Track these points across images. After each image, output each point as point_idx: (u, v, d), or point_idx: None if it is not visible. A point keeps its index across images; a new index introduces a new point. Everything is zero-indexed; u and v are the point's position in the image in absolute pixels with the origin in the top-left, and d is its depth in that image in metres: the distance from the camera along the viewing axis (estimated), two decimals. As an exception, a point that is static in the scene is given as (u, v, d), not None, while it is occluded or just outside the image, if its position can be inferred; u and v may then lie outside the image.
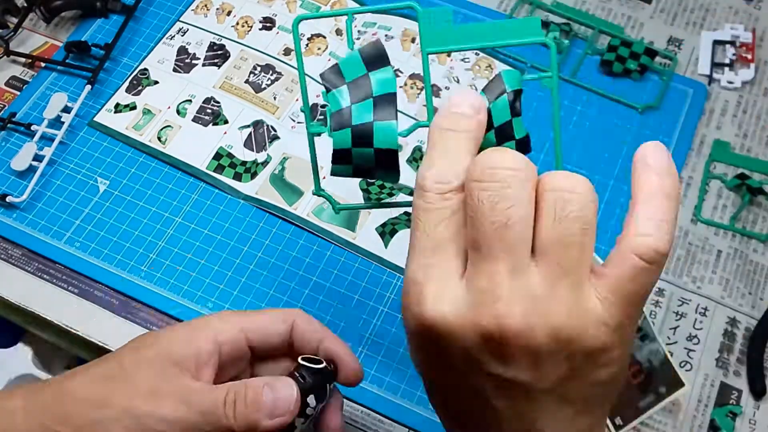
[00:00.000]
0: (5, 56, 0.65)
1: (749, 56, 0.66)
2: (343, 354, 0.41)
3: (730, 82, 0.65)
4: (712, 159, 0.61)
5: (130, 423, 0.36)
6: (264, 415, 0.37)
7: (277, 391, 0.37)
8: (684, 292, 0.56)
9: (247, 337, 0.40)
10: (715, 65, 0.66)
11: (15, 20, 0.67)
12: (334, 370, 0.41)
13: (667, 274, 0.56)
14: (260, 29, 0.66)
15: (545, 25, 0.66)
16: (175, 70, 0.64)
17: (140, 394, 0.36)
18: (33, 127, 0.61)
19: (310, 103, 0.62)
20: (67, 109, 0.61)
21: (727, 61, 0.66)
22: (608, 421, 0.50)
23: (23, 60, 0.66)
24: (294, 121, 0.62)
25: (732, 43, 0.67)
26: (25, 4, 0.67)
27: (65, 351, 0.56)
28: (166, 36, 0.66)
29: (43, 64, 0.65)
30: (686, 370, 0.53)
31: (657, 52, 0.65)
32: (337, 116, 0.36)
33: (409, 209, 0.58)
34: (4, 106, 0.63)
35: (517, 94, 0.36)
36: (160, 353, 0.37)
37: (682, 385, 0.52)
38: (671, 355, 0.53)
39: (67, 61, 0.64)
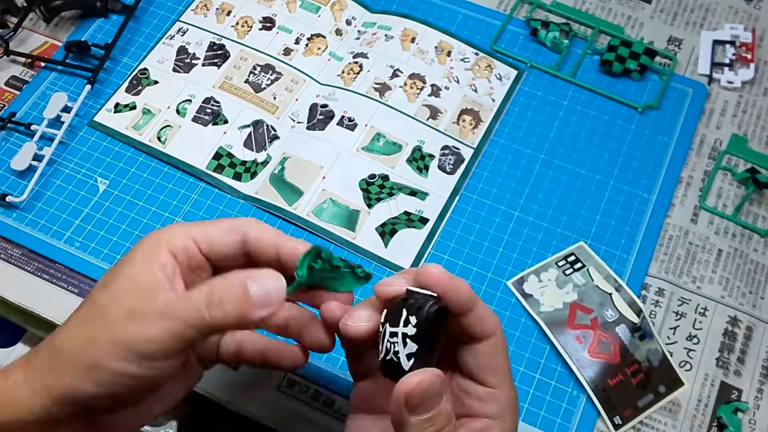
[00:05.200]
0: (5, 56, 0.65)
1: (749, 56, 0.66)
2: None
3: (730, 82, 0.65)
4: (727, 152, 0.61)
5: (121, 353, 0.35)
6: (255, 308, 0.36)
7: (263, 283, 0.36)
8: (684, 291, 0.56)
9: (199, 246, 0.39)
10: (715, 65, 0.66)
11: (15, 20, 0.67)
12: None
13: (668, 273, 0.56)
14: (260, 29, 0.66)
15: (545, 24, 0.66)
16: (174, 70, 0.64)
17: (120, 323, 0.36)
18: (33, 127, 0.61)
19: (310, 104, 0.62)
20: (66, 109, 0.61)
21: (727, 61, 0.66)
22: (608, 420, 0.50)
23: (23, 60, 0.66)
24: (294, 120, 0.62)
25: (732, 43, 0.67)
26: (25, 4, 0.67)
27: (65, 351, 0.56)
28: (166, 36, 0.66)
29: (43, 64, 0.65)
30: (686, 370, 0.53)
31: (657, 52, 0.65)
32: None
33: (409, 209, 0.58)
34: (4, 105, 0.63)
35: None
36: (128, 280, 0.37)
37: (681, 384, 0.52)
38: (671, 355, 0.53)
39: (67, 60, 0.64)
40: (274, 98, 0.62)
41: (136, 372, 0.36)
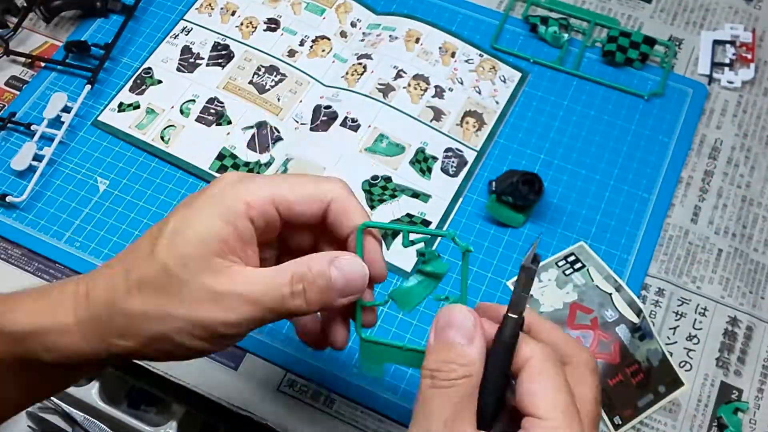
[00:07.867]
0: (5, 56, 0.65)
1: (749, 56, 0.66)
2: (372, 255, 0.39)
3: (730, 82, 0.65)
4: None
5: (196, 332, 0.35)
6: (336, 296, 0.36)
7: (344, 269, 0.36)
8: (684, 291, 0.56)
9: (278, 210, 0.37)
10: (715, 65, 0.66)
11: (15, 20, 0.67)
12: None
13: (667, 273, 0.57)
14: (264, 30, 0.66)
15: (544, 21, 0.66)
16: (179, 69, 0.64)
17: (200, 302, 0.35)
18: (33, 127, 0.61)
19: (314, 105, 0.62)
20: (66, 109, 0.61)
21: (727, 61, 0.66)
22: (607, 421, 0.50)
23: (23, 60, 0.66)
24: (297, 122, 0.62)
25: (732, 43, 0.67)
26: (25, 4, 0.67)
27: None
28: (170, 35, 0.66)
29: (42, 64, 0.65)
30: (686, 370, 0.53)
31: (655, 41, 0.65)
32: None
33: (412, 211, 0.57)
34: (4, 105, 0.63)
35: None
36: (203, 247, 0.35)
37: (681, 384, 0.52)
38: (670, 355, 0.53)
39: (67, 60, 0.64)
40: (278, 100, 0.62)
41: (206, 348, 0.36)
